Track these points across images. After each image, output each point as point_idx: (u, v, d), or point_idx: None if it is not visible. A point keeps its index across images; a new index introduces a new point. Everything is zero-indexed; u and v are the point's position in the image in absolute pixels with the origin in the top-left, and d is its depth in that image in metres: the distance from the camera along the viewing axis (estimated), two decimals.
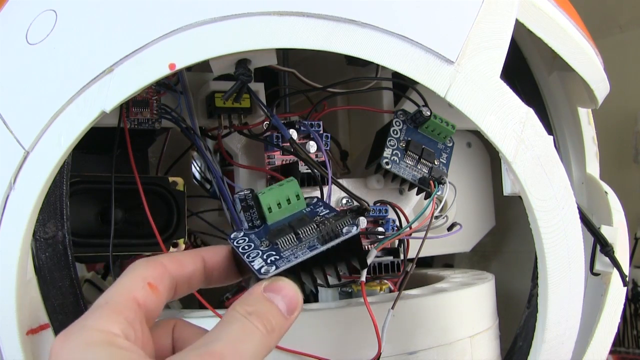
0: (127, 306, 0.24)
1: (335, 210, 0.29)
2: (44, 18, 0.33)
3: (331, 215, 0.28)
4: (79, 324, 0.23)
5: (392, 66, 0.30)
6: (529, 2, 0.35)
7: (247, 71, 0.35)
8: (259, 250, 0.27)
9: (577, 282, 0.34)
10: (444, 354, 0.40)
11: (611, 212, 0.45)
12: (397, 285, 0.45)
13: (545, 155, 0.32)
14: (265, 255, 0.27)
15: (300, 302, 0.26)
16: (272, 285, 0.26)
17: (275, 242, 0.27)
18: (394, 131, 0.45)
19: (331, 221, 0.27)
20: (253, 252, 0.28)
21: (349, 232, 0.27)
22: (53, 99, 0.30)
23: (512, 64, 0.46)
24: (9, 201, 0.31)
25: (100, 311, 0.24)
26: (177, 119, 0.42)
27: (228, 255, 0.29)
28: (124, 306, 0.24)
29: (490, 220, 0.61)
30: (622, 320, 0.50)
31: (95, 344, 0.22)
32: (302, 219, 0.28)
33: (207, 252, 0.29)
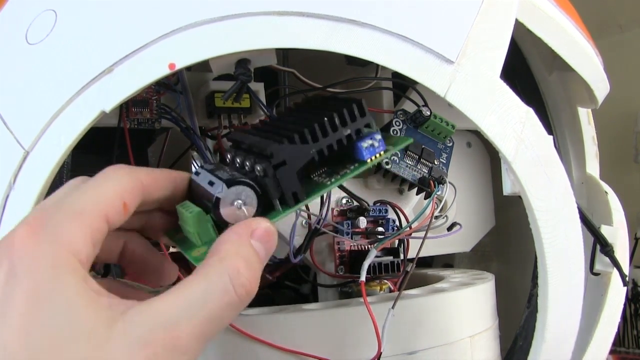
0: (99, 223, 0.23)
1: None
2: (44, 18, 0.33)
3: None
4: (51, 230, 0.21)
5: (392, 66, 0.30)
6: (529, 2, 0.35)
7: (247, 71, 0.35)
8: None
9: (577, 282, 0.34)
10: (444, 354, 0.40)
11: (611, 212, 0.45)
12: (397, 285, 0.45)
13: (545, 155, 0.32)
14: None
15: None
16: (264, 234, 0.23)
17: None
18: (394, 131, 0.45)
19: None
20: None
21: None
22: (53, 99, 0.30)
23: (512, 64, 0.46)
24: (9, 201, 0.31)
25: (74, 222, 0.22)
26: (177, 119, 0.42)
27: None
28: (97, 223, 0.22)
29: (490, 220, 0.61)
30: (622, 320, 0.50)
31: (65, 271, 0.21)
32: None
33: (179, 175, 0.27)
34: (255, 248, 0.23)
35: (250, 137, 0.28)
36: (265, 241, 0.23)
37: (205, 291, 0.21)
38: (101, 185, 0.24)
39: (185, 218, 0.25)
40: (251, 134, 0.29)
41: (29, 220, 0.22)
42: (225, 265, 0.22)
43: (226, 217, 0.24)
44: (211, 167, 0.28)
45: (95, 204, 0.23)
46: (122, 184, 0.24)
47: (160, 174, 0.26)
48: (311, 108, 0.29)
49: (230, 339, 0.35)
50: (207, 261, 0.22)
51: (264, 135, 0.27)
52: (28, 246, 0.21)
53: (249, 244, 0.23)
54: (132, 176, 0.25)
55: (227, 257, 0.22)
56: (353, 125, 0.27)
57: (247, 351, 0.35)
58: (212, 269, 0.22)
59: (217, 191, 0.24)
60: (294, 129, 0.26)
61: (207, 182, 0.26)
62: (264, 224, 0.24)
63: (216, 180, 0.25)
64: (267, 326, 0.36)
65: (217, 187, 0.25)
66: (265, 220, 0.24)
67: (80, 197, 0.23)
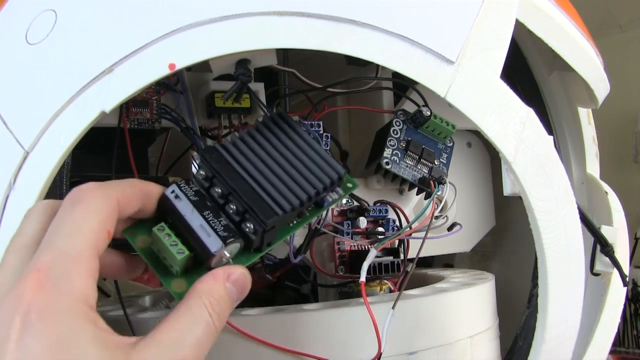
0: (95, 263, 0.24)
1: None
2: (44, 18, 0.33)
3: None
4: (58, 282, 0.22)
5: (392, 66, 0.30)
6: (529, 2, 0.35)
7: (247, 71, 0.35)
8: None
9: (577, 282, 0.34)
10: (444, 354, 0.40)
11: (611, 212, 0.45)
12: (397, 285, 0.45)
13: (545, 155, 0.32)
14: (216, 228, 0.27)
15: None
16: (239, 278, 0.27)
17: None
18: (394, 131, 0.45)
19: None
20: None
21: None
22: (53, 99, 0.30)
23: (512, 64, 0.46)
24: (9, 201, 0.31)
25: (76, 270, 0.23)
26: (177, 119, 0.42)
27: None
28: (94, 263, 0.24)
29: (490, 220, 0.61)
30: (622, 320, 0.50)
31: (81, 321, 0.22)
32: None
33: (148, 190, 0.27)
34: (228, 289, 0.26)
35: (231, 171, 0.28)
36: (238, 285, 0.27)
37: (191, 321, 0.25)
38: (86, 220, 0.24)
39: (172, 256, 0.27)
40: (226, 165, 0.29)
41: (32, 273, 0.22)
42: (204, 301, 0.25)
43: (213, 265, 0.27)
44: (192, 194, 0.28)
45: (88, 246, 0.24)
46: (103, 212, 0.25)
47: (131, 190, 0.27)
48: (293, 156, 0.30)
49: (230, 339, 0.35)
50: (189, 297, 0.26)
51: (245, 185, 0.28)
52: (40, 300, 0.22)
53: (223, 285, 0.26)
54: (108, 199, 0.25)
55: (204, 295, 0.26)
56: (330, 190, 0.31)
57: (247, 351, 0.35)
58: (194, 303, 0.25)
59: (214, 248, 0.27)
60: (283, 193, 0.29)
61: (197, 225, 0.27)
62: (239, 270, 0.27)
63: (209, 231, 0.27)
64: (267, 326, 0.36)
65: (214, 243, 0.27)
66: (241, 267, 0.27)
67: (71, 240, 0.24)
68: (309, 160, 0.30)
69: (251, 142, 0.30)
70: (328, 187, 0.30)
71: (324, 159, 0.31)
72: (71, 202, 0.25)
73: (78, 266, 0.23)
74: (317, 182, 0.30)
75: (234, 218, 0.28)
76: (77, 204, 0.25)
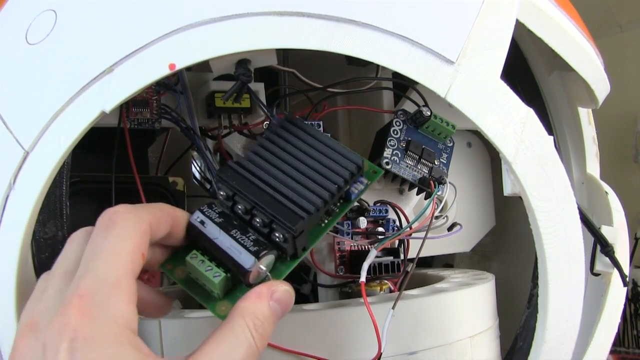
0: (134, 286, 0.24)
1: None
2: (44, 18, 0.33)
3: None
4: (102, 308, 0.23)
5: (392, 66, 0.30)
6: (529, 2, 0.35)
7: (247, 71, 0.35)
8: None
9: (577, 282, 0.34)
10: (444, 354, 0.40)
11: (611, 212, 0.45)
12: (397, 286, 0.45)
13: (545, 155, 0.32)
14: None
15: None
16: (282, 298, 0.27)
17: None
18: (394, 131, 0.45)
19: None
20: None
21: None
22: (53, 99, 0.30)
23: (512, 64, 0.46)
24: (9, 201, 0.31)
25: (117, 295, 0.24)
26: (177, 119, 0.42)
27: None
28: (132, 287, 0.24)
29: (490, 220, 0.61)
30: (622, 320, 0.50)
31: (126, 347, 0.23)
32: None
33: (176, 213, 0.28)
34: (272, 308, 0.26)
35: (249, 186, 0.28)
36: (282, 302, 0.27)
37: (234, 344, 0.25)
38: (122, 244, 0.25)
39: (210, 281, 0.27)
40: (244, 180, 0.29)
41: (74, 300, 0.23)
42: (247, 322, 0.25)
43: (252, 281, 0.27)
44: (216, 217, 0.28)
45: (126, 270, 0.24)
46: (137, 235, 0.25)
47: (161, 213, 0.27)
48: (307, 156, 0.30)
49: None
50: (231, 317, 0.26)
51: (266, 196, 0.28)
52: (85, 327, 0.22)
53: (267, 304, 0.26)
54: (141, 221, 0.26)
55: (247, 315, 0.26)
56: (352, 182, 0.30)
57: None
58: (237, 324, 0.25)
59: (247, 265, 0.27)
60: (305, 195, 0.28)
61: (226, 246, 0.27)
62: (282, 287, 0.27)
63: (240, 249, 0.27)
64: None
65: (247, 259, 0.27)
66: (284, 283, 0.27)
67: (111, 265, 0.24)
68: (324, 157, 0.30)
69: (264, 153, 0.30)
70: (349, 180, 0.30)
71: (339, 152, 0.30)
72: (105, 226, 0.25)
73: (119, 292, 0.24)
74: (337, 177, 0.29)
75: (263, 230, 0.28)
76: (111, 228, 0.25)
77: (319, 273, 0.47)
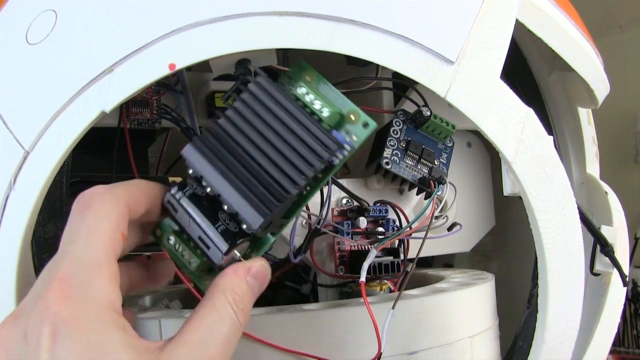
0: (114, 266, 0.24)
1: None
2: (44, 18, 0.33)
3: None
4: (83, 290, 0.22)
5: (392, 66, 0.30)
6: (529, 2, 0.35)
7: (247, 71, 0.35)
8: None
9: (577, 282, 0.34)
10: (444, 354, 0.40)
11: (611, 212, 0.45)
12: (397, 285, 0.45)
13: (545, 155, 0.32)
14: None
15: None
16: (259, 272, 0.27)
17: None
18: (394, 131, 0.45)
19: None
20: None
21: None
22: (53, 99, 0.30)
23: (512, 64, 0.46)
24: (9, 201, 0.31)
25: (98, 276, 0.23)
26: (177, 119, 0.42)
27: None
28: (113, 267, 0.24)
29: (490, 220, 0.61)
30: (622, 320, 0.50)
31: (111, 327, 0.22)
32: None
33: (153, 189, 0.27)
34: (250, 283, 0.26)
35: (213, 171, 0.26)
36: (259, 277, 0.27)
37: (217, 320, 0.25)
38: (99, 225, 0.24)
39: (186, 266, 0.27)
40: (213, 159, 0.26)
41: (54, 283, 0.22)
42: (227, 297, 0.25)
43: (225, 265, 0.27)
44: (186, 201, 0.27)
45: (105, 251, 0.24)
46: (115, 215, 0.25)
47: (138, 190, 0.27)
48: (277, 137, 0.27)
49: None
50: (212, 294, 0.25)
51: (230, 187, 0.26)
52: (66, 309, 0.22)
53: (245, 280, 0.26)
54: (117, 201, 0.25)
55: (227, 291, 0.25)
56: (331, 156, 0.28)
57: (247, 351, 0.35)
58: (218, 301, 0.25)
59: (216, 259, 0.26)
60: (274, 184, 0.26)
61: (197, 236, 0.27)
62: (258, 263, 0.27)
63: (208, 242, 0.26)
64: (267, 326, 0.36)
65: (215, 254, 0.26)
66: (260, 259, 0.27)
67: (89, 247, 0.24)
68: (295, 140, 0.26)
69: (230, 129, 0.27)
70: (318, 166, 0.26)
71: (314, 135, 0.27)
72: (81, 208, 0.25)
73: (99, 272, 0.23)
74: (307, 168, 0.26)
75: (234, 216, 0.27)
76: (87, 209, 0.25)
77: (319, 273, 0.47)
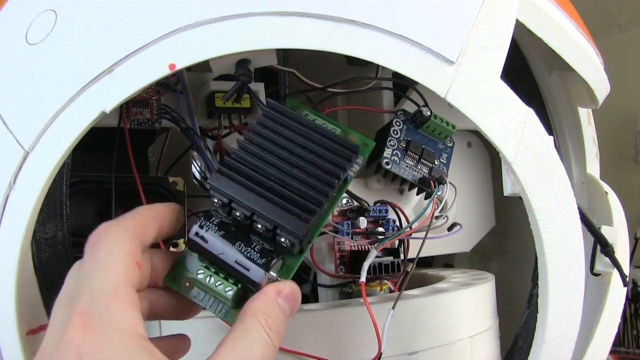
0: (133, 293, 0.24)
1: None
2: (44, 18, 0.33)
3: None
4: (104, 319, 0.22)
5: (392, 66, 0.30)
6: (529, 2, 0.35)
7: (247, 71, 0.35)
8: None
9: (577, 282, 0.34)
10: (444, 354, 0.40)
11: (611, 212, 0.45)
12: (397, 286, 0.45)
13: (545, 155, 0.32)
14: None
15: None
16: (290, 294, 0.26)
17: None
18: (394, 131, 0.45)
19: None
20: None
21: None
22: (53, 99, 0.30)
23: (512, 64, 0.46)
24: (9, 201, 0.31)
25: (117, 304, 0.23)
26: (177, 119, 0.42)
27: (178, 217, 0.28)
28: (131, 293, 0.24)
29: (490, 220, 0.61)
30: (622, 320, 0.50)
31: (139, 354, 0.22)
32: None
33: (162, 212, 0.27)
34: (281, 306, 0.26)
35: (244, 191, 0.27)
36: (290, 300, 0.27)
37: (251, 343, 0.25)
38: (110, 255, 0.24)
39: (221, 296, 0.27)
40: (238, 185, 0.27)
41: (74, 319, 0.22)
42: (260, 320, 0.25)
43: (264, 285, 0.27)
44: (216, 229, 0.27)
45: (121, 278, 0.24)
46: (125, 243, 0.25)
47: (143, 217, 0.27)
48: (300, 148, 0.29)
49: None
50: (244, 318, 0.25)
51: (265, 202, 0.27)
52: (89, 341, 0.22)
53: (276, 302, 0.26)
54: (125, 230, 0.25)
55: (259, 314, 0.25)
56: (350, 167, 0.29)
57: None
58: (251, 324, 0.25)
59: (258, 279, 0.26)
60: (306, 195, 0.27)
61: (233, 261, 0.26)
62: (288, 285, 0.27)
63: (247, 263, 0.26)
64: None
65: (256, 274, 0.26)
66: (291, 282, 0.27)
67: (104, 278, 0.24)
68: (318, 147, 0.29)
69: (254, 149, 0.28)
70: (347, 168, 0.29)
71: (333, 139, 0.29)
72: (91, 246, 0.25)
73: (117, 301, 0.23)
74: (335, 169, 0.28)
75: (266, 235, 0.27)
76: (97, 245, 0.25)
77: (319, 273, 0.47)
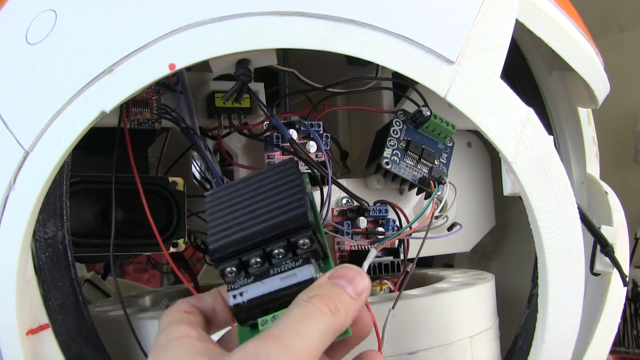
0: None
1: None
2: (44, 18, 0.33)
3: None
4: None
5: (392, 66, 0.30)
6: (529, 2, 0.35)
7: (247, 71, 0.35)
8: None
9: (577, 282, 0.34)
10: (444, 354, 0.40)
11: (611, 212, 0.45)
12: (397, 285, 0.45)
13: (545, 155, 0.32)
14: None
15: (366, 283, 0.26)
16: (336, 272, 0.26)
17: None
18: (394, 131, 0.45)
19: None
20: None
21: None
22: (53, 99, 0.30)
23: (512, 64, 0.46)
24: (9, 201, 0.31)
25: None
26: (177, 119, 0.42)
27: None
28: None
29: (490, 220, 0.61)
30: (622, 320, 0.50)
31: None
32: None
33: (205, 299, 0.29)
34: (334, 282, 0.26)
35: (239, 239, 0.28)
36: (341, 277, 0.26)
37: (297, 312, 0.24)
38: (175, 333, 0.25)
39: None
40: (228, 235, 0.28)
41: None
42: (302, 296, 0.25)
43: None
44: (247, 280, 0.27)
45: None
46: (191, 339, 0.25)
47: (201, 294, 0.28)
48: (255, 190, 0.29)
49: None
50: (297, 299, 0.25)
51: (260, 226, 0.27)
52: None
53: (324, 279, 0.26)
54: (189, 323, 0.26)
55: (304, 294, 0.25)
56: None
57: None
58: (295, 302, 0.25)
59: (309, 275, 0.26)
60: (284, 199, 0.28)
61: (280, 284, 0.27)
62: (337, 269, 0.26)
63: (290, 273, 0.26)
64: None
65: (306, 273, 0.26)
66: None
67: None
68: (268, 182, 0.29)
69: (223, 209, 0.30)
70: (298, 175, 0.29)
71: (274, 172, 0.30)
72: (165, 342, 0.25)
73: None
74: (293, 179, 0.29)
75: (287, 256, 0.27)
76: (169, 345, 0.25)
77: None
